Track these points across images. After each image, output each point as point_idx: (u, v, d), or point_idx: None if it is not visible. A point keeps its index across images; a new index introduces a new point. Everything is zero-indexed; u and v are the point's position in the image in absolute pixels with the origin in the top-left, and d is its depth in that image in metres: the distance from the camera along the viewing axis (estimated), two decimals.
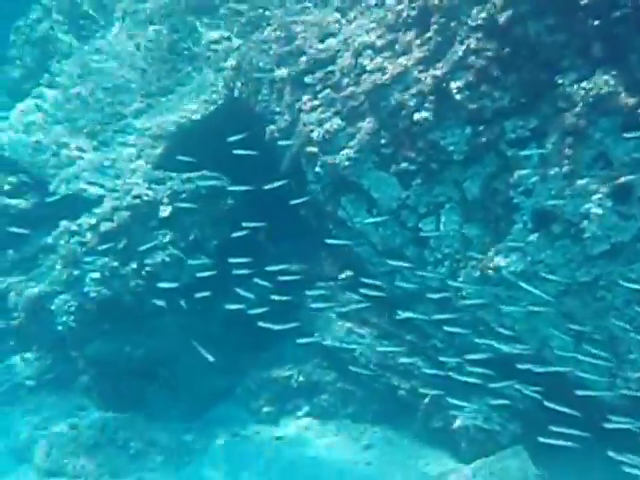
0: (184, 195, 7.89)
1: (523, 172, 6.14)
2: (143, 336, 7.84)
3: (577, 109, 5.74)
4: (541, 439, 5.92)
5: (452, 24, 6.17)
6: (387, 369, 7.81)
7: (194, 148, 8.82)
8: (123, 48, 9.91)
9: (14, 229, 8.30)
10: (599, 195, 5.77)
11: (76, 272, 7.71)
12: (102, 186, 8.55)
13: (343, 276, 8.40)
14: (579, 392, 6.15)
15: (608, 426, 5.83)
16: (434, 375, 7.22)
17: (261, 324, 6.84)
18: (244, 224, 7.00)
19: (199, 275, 7.35)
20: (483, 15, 5.84)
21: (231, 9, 9.50)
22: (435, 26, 6.26)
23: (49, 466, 7.64)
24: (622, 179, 5.66)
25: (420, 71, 6.40)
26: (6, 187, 9.12)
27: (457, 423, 7.31)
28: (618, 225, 5.79)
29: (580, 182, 5.84)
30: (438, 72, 6.25)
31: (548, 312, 6.41)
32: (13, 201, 9.06)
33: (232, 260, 7.08)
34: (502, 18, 5.77)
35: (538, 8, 5.75)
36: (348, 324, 8.18)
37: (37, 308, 8.25)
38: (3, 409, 8.30)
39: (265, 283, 7.04)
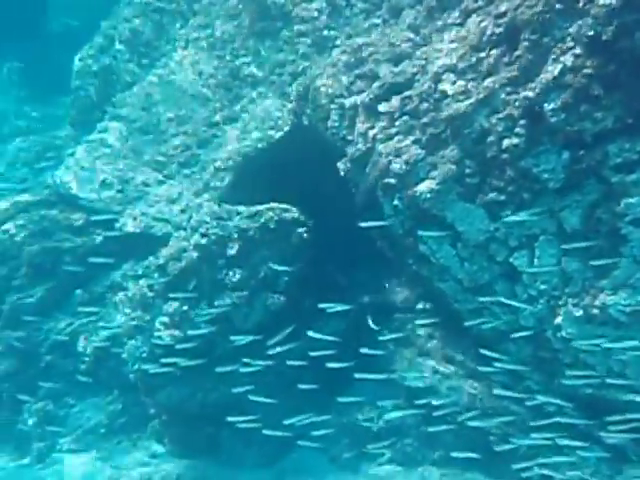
0: (252, 232, 7.46)
1: (631, 200, 5.50)
2: (215, 381, 7.46)
3: None
4: None
5: (545, 40, 5.56)
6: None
7: (261, 178, 8.47)
8: (185, 76, 9.67)
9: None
10: None
11: (146, 317, 7.41)
12: (168, 222, 8.28)
13: (420, 307, 7.93)
14: None
15: None
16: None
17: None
18: None
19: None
20: (585, 30, 5.21)
21: (294, 31, 9.09)
22: (525, 43, 5.66)
23: None
24: None
25: (509, 93, 5.82)
26: (74, 224, 8.97)
27: (558, 477, 6.62)
28: None
29: None
30: (530, 93, 5.65)
31: None
32: (80, 239, 8.90)
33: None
34: (606, 31, 5.13)
35: None
36: (431, 362, 7.63)
37: (106, 353, 8.04)
38: (76, 455, 8.07)
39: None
